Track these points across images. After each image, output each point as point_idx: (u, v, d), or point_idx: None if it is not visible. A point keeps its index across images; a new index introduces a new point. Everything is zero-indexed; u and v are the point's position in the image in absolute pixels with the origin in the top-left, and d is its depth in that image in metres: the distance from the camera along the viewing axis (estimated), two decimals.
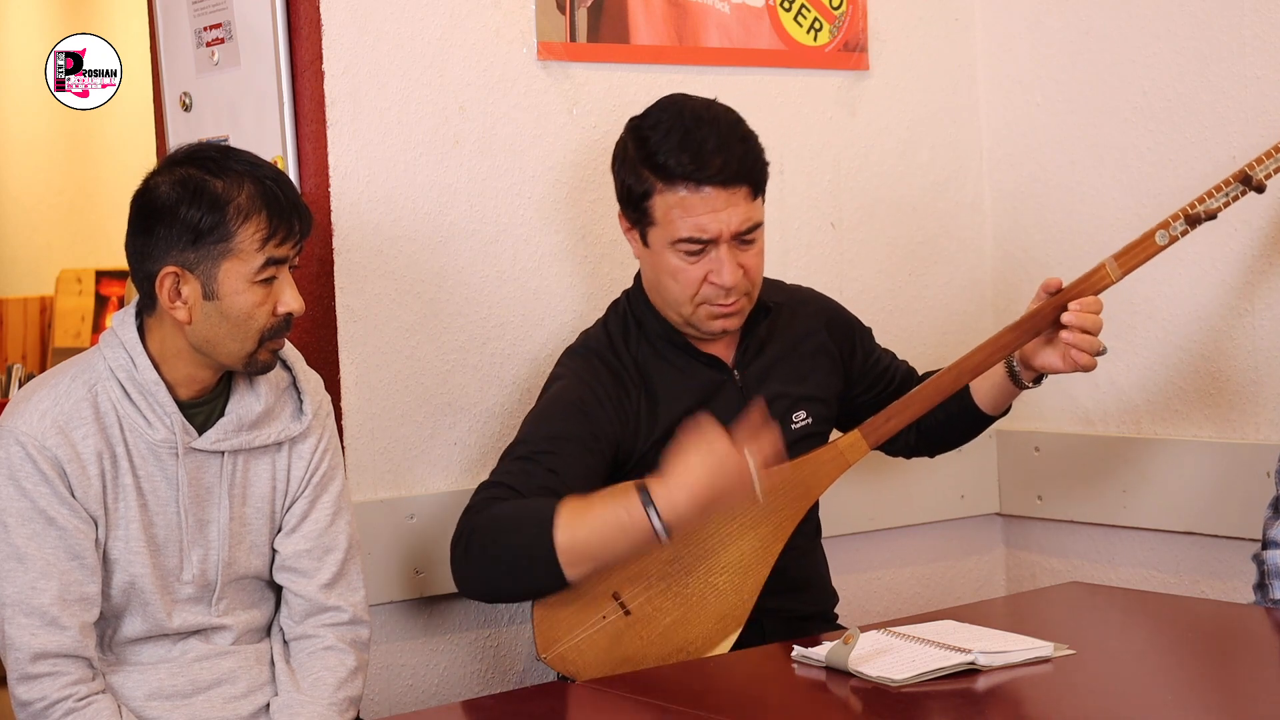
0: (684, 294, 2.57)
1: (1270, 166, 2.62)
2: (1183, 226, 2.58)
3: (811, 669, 2.26)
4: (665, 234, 2.55)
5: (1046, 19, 3.33)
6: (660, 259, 2.58)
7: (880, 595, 3.39)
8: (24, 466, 2.21)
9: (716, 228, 2.52)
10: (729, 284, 2.54)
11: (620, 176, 2.61)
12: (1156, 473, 3.17)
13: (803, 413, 2.70)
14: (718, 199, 2.51)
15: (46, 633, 2.20)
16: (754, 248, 2.57)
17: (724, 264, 2.53)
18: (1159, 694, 2.20)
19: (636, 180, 2.56)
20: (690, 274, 2.55)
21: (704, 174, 2.50)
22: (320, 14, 2.72)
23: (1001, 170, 3.45)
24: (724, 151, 2.52)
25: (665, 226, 2.55)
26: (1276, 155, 2.62)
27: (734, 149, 2.53)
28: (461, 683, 2.89)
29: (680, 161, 2.51)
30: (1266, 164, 2.62)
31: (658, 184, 2.54)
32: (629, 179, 2.58)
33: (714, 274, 2.54)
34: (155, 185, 2.25)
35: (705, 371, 2.65)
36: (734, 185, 2.52)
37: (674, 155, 2.51)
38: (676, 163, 2.51)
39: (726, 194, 2.52)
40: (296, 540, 2.39)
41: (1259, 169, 2.60)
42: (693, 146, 2.51)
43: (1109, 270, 2.57)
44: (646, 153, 2.55)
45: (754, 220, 2.56)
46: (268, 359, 2.29)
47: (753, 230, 2.56)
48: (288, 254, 2.26)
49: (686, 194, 2.51)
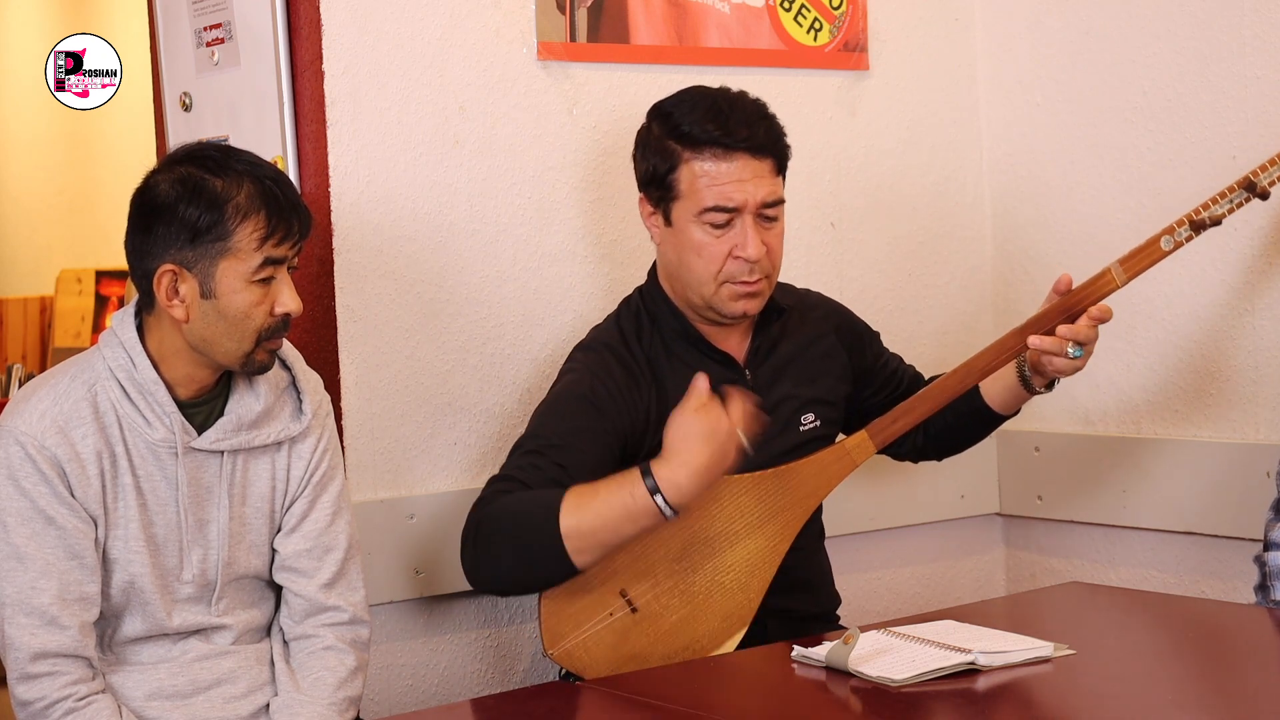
0: (708, 270, 2.57)
1: (1275, 173, 2.62)
2: (1187, 232, 2.59)
3: (811, 669, 2.26)
4: (691, 205, 2.56)
5: (1046, 19, 3.33)
6: (684, 235, 2.58)
7: (881, 595, 3.39)
8: (24, 466, 2.21)
9: (742, 197, 2.54)
10: (753, 257, 2.55)
11: (643, 160, 2.62)
12: (1156, 473, 3.17)
13: (811, 415, 2.71)
14: (745, 168, 2.54)
15: (46, 632, 2.20)
16: (776, 227, 2.59)
17: (749, 236, 2.54)
18: (1159, 694, 2.20)
19: (661, 157, 2.58)
20: (715, 249, 2.56)
21: (732, 140, 2.53)
22: (320, 14, 2.72)
23: (1001, 170, 3.45)
24: (750, 124, 2.56)
25: (691, 198, 2.56)
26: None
27: (759, 124, 2.57)
28: (462, 682, 2.89)
29: (706, 130, 2.54)
30: (1271, 171, 2.62)
31: (684, 153, 2.56)
32: (652, 159, 2.60)
33: (738, 248, 2.55)
34: (155, 184, 2.25)
35: (717, 369, 2.65)
36: (761, 156, 2.56)
37: (700, 125, 2.55)
38: (703, 131, 2.54)
39: (754, 164, 2.55)
40: (296, 540, 2.38)
41: (1263, 176, 2.60)
42: (719, 117, 2.55)
43: (1114, 275, 2.57)
44: (671, 126, 2.58)
45: (778, 195, 2.59)
46: (265, 359, 2.29)
47: (776, 205, 2.58)
48: (286, 254, 2.25)
49: (713, 162, 2.54)
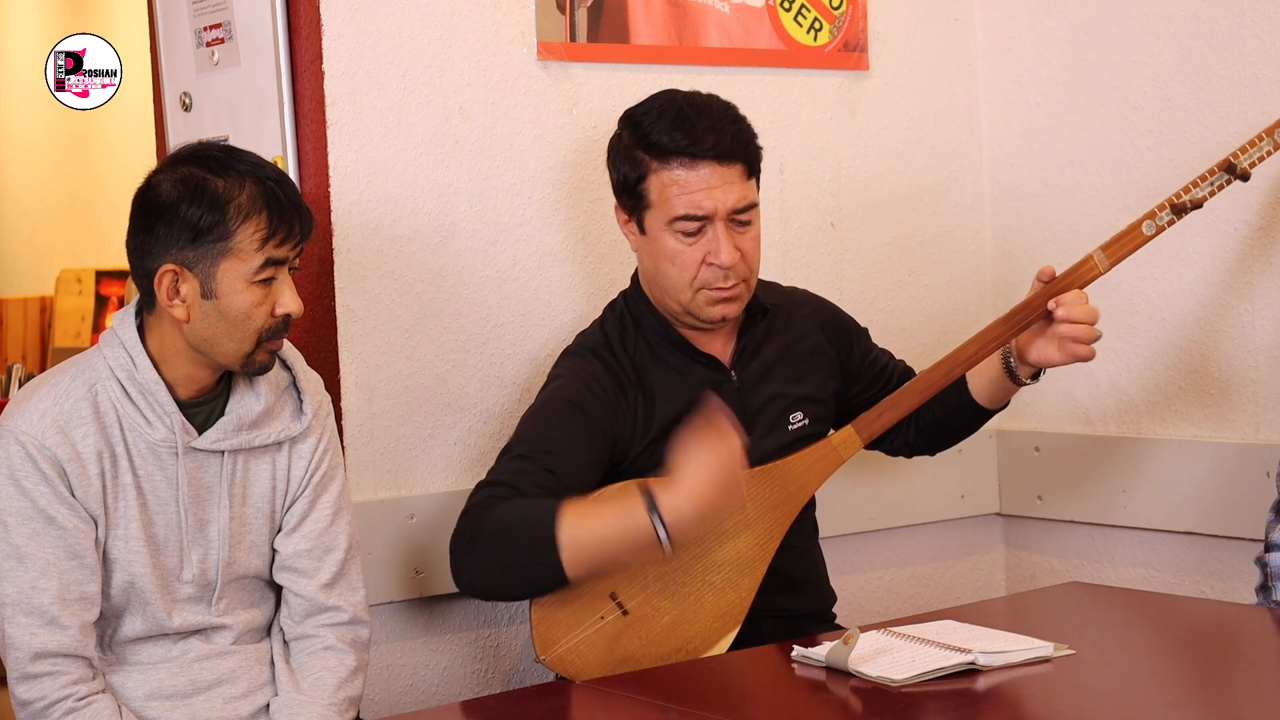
0: (683, 278, 2.57)
1: (1255, 154, 2.61)
2: (1169, 216, 2.58)
3: (811, 669, 2.26)
4: (662, 214, 2.56)
5: (1046, 19, 3.33)
6: (658, 244, 2.58)
7: (880, 595, 3.39)
8: (24, 466, 2.21)
9: (711, 204, 2.53)
10: (726, 263, 2.54)
11: (615, 167, 2.63)
12: (1156, 472, 3.17)
13: (799, 414, 2.70)
14: (713, 175, 2.53)
15: (46, 632, 2.20)
16: (750, 231, 2.58)
17: (721, 243, 2.54)
18: (1159, 694, 2.20)
19: (631, 166, 2.58)
20: (688, 256, 2.56)
21: (698, 149, 2.53)
22: (320, 14, 2.72)
23: (1001, 170, 3.45)
24: (716, 130, 2.55)
25: (661, 207, 2.56)
26: (1260, 143, 2.61)
27: (726, 128, 2.56)
28: (461, 683, 2.89)
29: (673, 138, 2.53)
30: (1250, 152, 2.61)
31: (652, 163, 2.55)
32: (624, 167, 2.60)
33: (711, 254, 2.54)
34: (157, 183, 2.25)
35: (702, 372, 2.65)
36: (728, 162, 2.54)
37: (667, 133, 2.54)
38: (670, 140, 2.54)
39: (721, 170, 2.53)
40: (296, 540, 2.38)
41: (1243, 157, 2.59)
42: (685, 125, 2.54)
43: (1096, 261, 2.56)
44: (639, 135, 2.58)
45: (749, 200, 2.57)
46: (265, 360, 2.29)
47: (748, 210, 2.57)
48: (287, 255, 2.25)
49: (681, 171, 2.53)
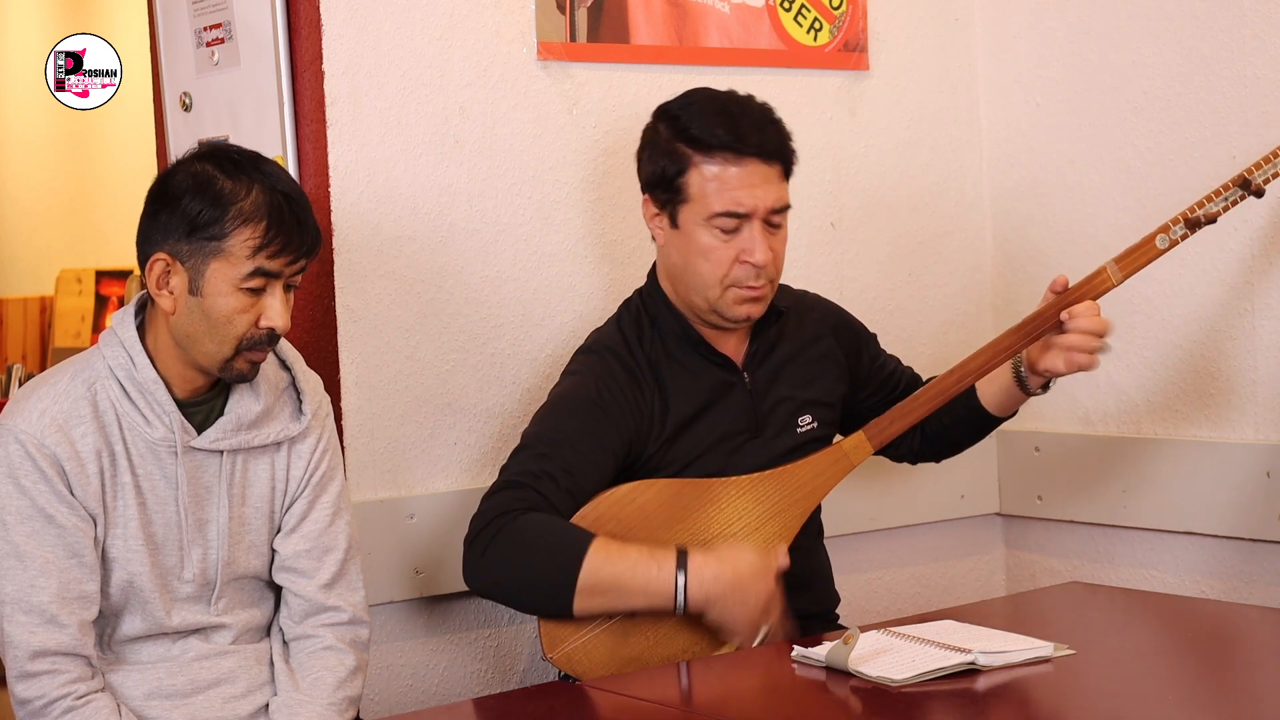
0: (714, 274, 2.57)
1: (1269, 171, 2.62)
2: (1182, 230, 2.59)
3: (811, 669, 2.26)
4: (700, 210, 2.55)
5: (1046, 19, 3.33)
6: (691, 238, 2.57)
7: (880, 595, 3.39)
8: (23, 465, 2.21)
9: (752, 202, 2.53)
10: (761, 262, 2.54)
11: (650, 161, 2.61)
12: (1156, 473, 3.17)
13: (808, 417, 2.70)
14: (755, 174, 2.54)
15: (45, 631, 2.20)
16: (781, 233, 2.59)
17: (757, 242, 2.54)
18: (1159, 694, 2.20)
19: (670, 160, 2.57)
20: (722, 253, 2.55)
21: (743, 146, 2.53)
22: (320, 14, 2.72)
23: (1001, 170, 3.44)
24: (760, 129, 2.56)
25: (700, 202, 2.55)
26: (1275, 160, 2.62)
27: (768, 128, 2.57)
28: (462, 683, 2.89)
29: (717, 134, 2.53)
30: (1266, 168, 2.62)
31: (694, 157, 2.55)
32: (661, 160, 2.59)
33: (746, 252, 2.55)
34: (174, 172, 2.26)
35: (716, 372, 2.65)
36: (771, 161, 2.56)
37: (710, 130, 2.54)
38: (714, 136, 2.53)
39: (764, 169, 2.54)
40: (296, 540, 2.38)
41: (1258, 173, 2.60)
42: (728, 121, 2.55)
43: (1110, 274, 2.57)
44: (680, 129, 2.57)
45: (785, 201, 2.59)
46: (244, 369, 2.27)
47: (783, 211, 2.58)
48: (280, 269, 2.23)
49: (725, 166, 2.53)
